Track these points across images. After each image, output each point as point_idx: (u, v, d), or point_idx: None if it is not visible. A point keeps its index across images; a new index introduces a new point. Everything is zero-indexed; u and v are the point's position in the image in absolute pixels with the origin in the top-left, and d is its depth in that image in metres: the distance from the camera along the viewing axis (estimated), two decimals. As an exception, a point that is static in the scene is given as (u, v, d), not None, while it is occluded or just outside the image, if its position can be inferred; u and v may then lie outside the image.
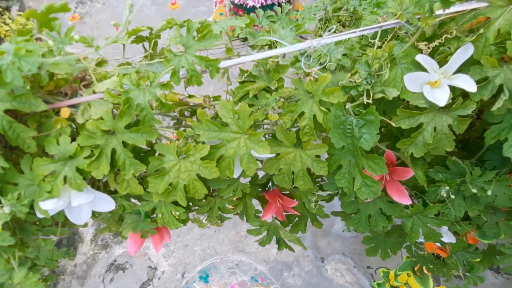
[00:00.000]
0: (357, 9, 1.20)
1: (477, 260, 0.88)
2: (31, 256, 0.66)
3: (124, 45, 0.80)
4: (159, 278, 2.62)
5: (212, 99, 0.68)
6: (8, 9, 3.68)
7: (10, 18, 3.33)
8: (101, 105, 0.56)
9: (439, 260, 0.93)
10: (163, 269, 2.67)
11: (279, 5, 3.64)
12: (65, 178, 0.55)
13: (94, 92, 0.57)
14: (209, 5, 4.24)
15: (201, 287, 2.68)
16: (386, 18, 0.53)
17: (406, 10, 0.51)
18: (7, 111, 0.50)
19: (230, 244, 2.62)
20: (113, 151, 0.55)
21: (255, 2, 3.54)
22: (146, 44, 0.81)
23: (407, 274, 1.15)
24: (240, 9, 3.74)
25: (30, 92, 0.51)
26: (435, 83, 0.54)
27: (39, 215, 0.57)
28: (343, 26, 1.29)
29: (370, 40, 0.60)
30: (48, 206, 0.54)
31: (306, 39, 1.27)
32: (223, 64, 0.57)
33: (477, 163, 0.69)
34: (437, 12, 0.51)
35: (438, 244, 0.80)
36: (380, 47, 0.58)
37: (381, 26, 0.52)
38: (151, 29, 0.91)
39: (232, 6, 3.82)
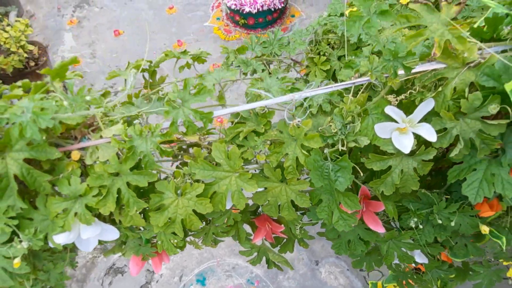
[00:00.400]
0: (344, 34, 1.27)
1: (452, 276, 0.96)
2: (42, 278, 0.74)
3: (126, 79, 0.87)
4: (157, 281, 2.70)
5: (207, 136, 0.76)
6: (6, 14, 3.72)
7: (9, 25, 3.37)
8: (108, 149, 0.63)
9: (418, 275, 1.01)
10: (160, 272, 2.75)
11: (275, 10, 3.71)
12: (75, 214, 0.63)
13: (101, 137, 0.64)
14: (206, 10, 4.29)
15: (198, 289, 2.77)
16: (357, 76, 0.61)
17: (375, 69, 0.59)
18: (25, 158, 0.58)
19: (227, 248, 2.69)
20: (119, 190, 0.62)
21: (251, 8, 3.60)
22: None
23: (394, 285, 1.23)
24: (237, 15, 3.80)
25: (46, 141, 0.58)
26: (402, 130, 0.62)
27: (51, 245, 0.65)
28: (332, 48, 1.36)
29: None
30: (60, 240, 0.62)
31: (297, 61, 1.34)
32: (215, 114, 0.64)
33: (446, 192, 0.77)
34: (402, 72, 0.58)
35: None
36: (356, 94, 0.65)
37: (354, 83, 0.60)
38: (151, 62, 0.99)
39: (228, 12, 3.88)
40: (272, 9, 3.71)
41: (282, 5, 3.71)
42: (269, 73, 1.33)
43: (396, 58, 0.56)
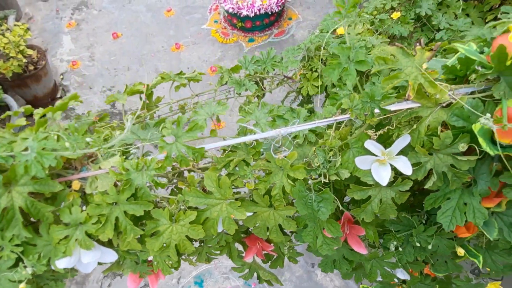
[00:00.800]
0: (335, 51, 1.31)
1: (435, 288, 1.01)
2: (46, 295, 0.79)
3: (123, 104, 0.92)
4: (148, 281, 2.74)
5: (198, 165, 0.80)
6: (5, 18, 3.74)
7: (8, 29, 3.39)
8: (106, 179, 0.68)
9: (403, 286, 1.07)
10: (159, 275, 2.77)
11: (272, 14, 3.74)
12: (76, 240, 0.68)
13: (100, 168, 0.69)
14: (203, 12, 4.32)
15: (196, 292, 2.83)
16: (339, 113, 0.65)
17: (355, 107, 0.64)
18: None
19: (224, 251, 2.72)
20: (116, 218, 0.67)
21: (248, 12, 3.63)
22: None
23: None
24: (234, 18, 3.84)
25: (48, 175, 0.63)
26: (381, 162, 0.67)
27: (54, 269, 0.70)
28: (324, 64, 1.40)
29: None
30: (63, 265, 0.67)
31: (290, 77, 1.39)
32: (207, 147, 0.69)
33: (427, 214, 0.82)
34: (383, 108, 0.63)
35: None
36: (338, 127, 0.70)
37: (336, 119, 0.65)
38: (148, 86, 1.03)
39: (226, 15, 3.92)
40: (269, 13, 3.75)
41: (279, 8, 3.75)
42: (262, 94, 1.38)
43: (373, 100, 0.60)
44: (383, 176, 0.65)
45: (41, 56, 3.60)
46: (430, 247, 0.73)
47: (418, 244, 0.73)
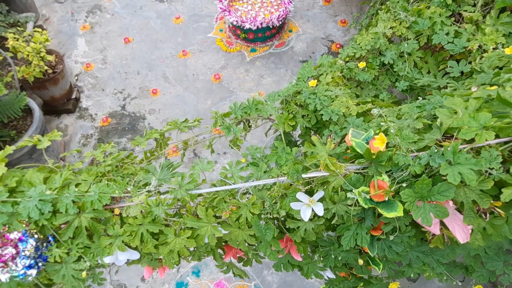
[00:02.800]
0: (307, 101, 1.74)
1: (361, 284, 1.46)
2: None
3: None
4: (157, 271, 3.25)
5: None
6: (25, 24, 4.17)
7: (30, 35, 3.82)
8: (136, 208, 1.13)
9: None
10: (162, 264, 3.27)
11: (273, 27, 4.16)
12: (116, 246, 1.13)
13: (132, 201, 1.14)
14: (210, 21, 4.73)
15: (193, 280, 3.35)
16: (282, 175, 1.10)
17: (290, 174, 1.08)
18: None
19: (219, 246, 3.20)
20: (141, 233, 1.13)
21: (251, 25, 4.05)
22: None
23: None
24: (238, 29, 4.26)
25: (103, 208, 1.08)
26: (307, 205, 1.11)
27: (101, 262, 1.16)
28: (300, 106, 1.83)
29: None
30: (107, 260, 1.13)
31: (271, 119, 1.83)
32: (195, 192, 1.14)
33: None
34: (306, 175, 1.07)
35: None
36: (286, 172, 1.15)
37: (278, 180, 1.09)
38: (163, 134, 1.47)
39: (231, 26, 4.33)
40: (271, 26, 4.16)
41: (280, 22, 4.15)
42: (249, 129, 1.81)
43: (298, 172, 1.05)
44: (306, 215, 1.09)
45: (59, 60, 4.04)
46: (340, 258, 1.18)
47: (339, 258, 1.18)
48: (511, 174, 0.98)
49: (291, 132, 1.99)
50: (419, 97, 2.08)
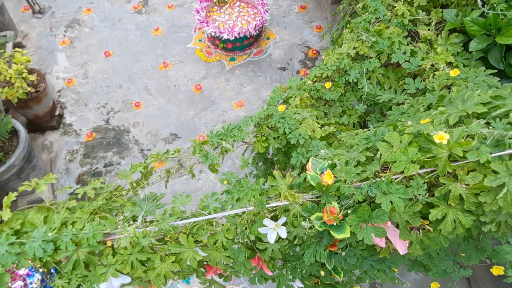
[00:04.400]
0: (277, 125, 1.97)
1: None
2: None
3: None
4: None
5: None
6: (5, 43, 4.29)
7: (11, 56, 3.96)
8: (126, 240, 1.34)
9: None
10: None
11: (250, 36, 4.36)
12: (110, 273, 1.34)
13: (122, 233, 1.35)
14: (189, 31, 4.91)
15: (184, 287, 3.57)
16: (250, 205, 1.32)
17: (256, 204, 1.30)
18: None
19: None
20: (131, 261, 1.34)
21: (229, 36, 4.25)
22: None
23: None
24: (217, 40, 4.46)
25: (97, 243, 1.29)
26: (273, 229, 1.33)
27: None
28: (272, 129, 2.06)
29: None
30: (104, 286, 1.34)
31: (246, 142, 2.06)
32: (177, 223, 1.35)
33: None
34: (269, 205, 1.30)
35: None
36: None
37: (247, 209, 1.31)
38: (146, 164, 1.68)
39: (209, 36, 4.52)
40: (248, 36, 4.36)
41: (257, 32, 4.36)
42: (225, 153, 2.02)
43: (263, 203, 1.27)
44: (272, 238, 1.32)
45: (41, 78, 4.19)
46: (304, 271, 1.41)
47: (298, 270, 1.41)
48: (436, 197, 1.22)
49: (268, 151, 2.21)
50: (382, 111, 2.32)
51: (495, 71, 1.88)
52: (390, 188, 1.17)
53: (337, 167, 1.25)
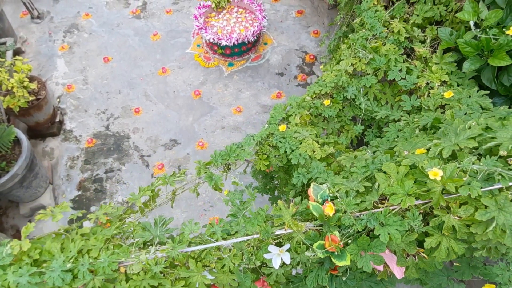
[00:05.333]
0: (278, 144, 2.04)
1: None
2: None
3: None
4: None
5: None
6: (5, 53, 4.32)
7: (11, 64, 3.99)
8: (138, 266, 1.42)
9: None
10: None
11: (248, 42, 4.42)
12: (123, 296, 1.43)
13: (135, 261, 1.43)
14: (187, 37, 4.96)
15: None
16: (254, 233, 1.40)
17: (262, 233, 1.38)
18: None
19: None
20: (144, 287, 1.42)
21: (227, 42, 4.31)
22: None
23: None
24: (215, 45, 4.51)
25: (112, 272, 1.37)
26: (277, 255, 1.42)
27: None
28: (273, 147, 2.13)
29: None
30: (118, 309, 1.43)
31: (249, 160, 2.13)
32: (184, 250, 1.43)
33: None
34: (274, 234, 1.38)
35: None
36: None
37: (253, 237, 1.39)
38: (153, 187, 1.75)
39: (208, 42, 4.57)
40: (246, 42, 4.42)
41: (255, 38, 4.41)
42: (228, 171, 2.10)
43: (268, 232, 1.35)
44: (277, 263, 1.40)
45: (41, 86, 4.23)
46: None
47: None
48: (431, 227, 1.31)
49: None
50: (379, 126, 2.40)
51: (488, 92, 1.96)
52: (387, 220, 1.26)
53: (338, 199, 1.33)
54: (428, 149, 1.40)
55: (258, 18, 4.41)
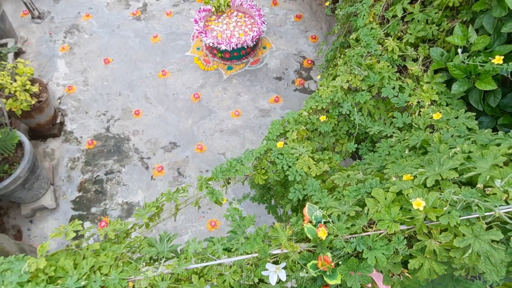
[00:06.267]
0: (275, 160, 2.17)
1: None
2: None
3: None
4: None
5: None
6: (6, 55, 4.40)
7: (14, 67, 4.08)
8: (146, 281, 1.55)
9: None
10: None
11: (248, 47, 4.52)
12: (131, 308, 1.56)
13: (142, 276, 1.56)
14: (187, 39, 5.05)
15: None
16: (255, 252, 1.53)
17: (259, 252, 1.51)
18: None
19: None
20: (151, 299, 1.55)
21: (227, 47, 4.41)
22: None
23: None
24: (214, 49, 4.61)
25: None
26: (274, 272, 1.55)
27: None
28: (271, 162, 2.26)
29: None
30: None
31: (247, 175, 2.26)
32: (190, 267, 1.56)
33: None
34: (271, 252, 1.51)
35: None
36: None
37: (252, 256, 1.53)
38: (158, 203, 1.88)
39: (207, 46, 4.67)
40: (245, 46, 4.52)
41: (254, 43, 4.51)
42: (228, 185, 2.23)
43: (266, 252, 1.48)
44: (273, 280, 1.54)
45: (43, 88, 4.32)
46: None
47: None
48: (415, 249, 1.44)
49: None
50: (372, 140, 2.53)
51: (474, 114, 2.09)
52: (375, 245, 1.39)
53: (330, 223, 1.46)
54: (415, 176, 1.53)
55: (257, 23, 4.50)
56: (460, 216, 1.35)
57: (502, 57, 1.91)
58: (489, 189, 1.41)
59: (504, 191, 1.35)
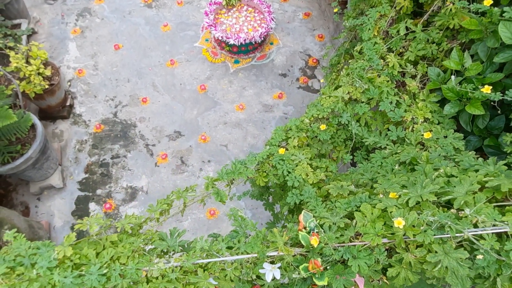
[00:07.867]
0: (277, 165, 2.39)
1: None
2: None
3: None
4: None
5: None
6: (21, 37, 4.56)
7: (28, 49, 4.26)
8: (157, 271, 1.79)
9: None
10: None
11: (255, 42, 4.69)
12: (143, 294, 1.80)
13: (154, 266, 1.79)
14: (196, 30, 5.20)
15: None
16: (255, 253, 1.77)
17: (258, 253, 1.75)
18: (128, 278, 1.73)
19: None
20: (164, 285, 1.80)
21: (235, 41, 4.58)
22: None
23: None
24: (223, 42, 4.78)
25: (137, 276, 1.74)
26: (270, 270, 1.79)
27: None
28: (272, 166, 2.48)
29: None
30: (139, 305, 1.81)
31: (250, 177, 2.48)
32: (197, 261, 1.80)
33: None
34: (269, 254, 1.75)
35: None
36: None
37: (252, 256, 1.76)
38: (168, 200, 2.11)
39: (216, 38, 4.83)
40: (253, 42, 4.69)
41: (262, 39, 4.68)
42: (231, 184, 2.45)
43: (264, 253, 1.72)
44: (269, 277, 1.78)
45: (55, 71, 4.51)
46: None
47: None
48: (393, 260, 1.68)
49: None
50: (368, 149, 2.75)
51: (462, 135, 2.31)
52: (359, 254, 1.63)
53: (322, 233, 1.69)
54: (399, 196, 1.76)
55: (266, 19, 4.66)
56: (434, 235, 1.59)
57: (491, 87, 2.12)
58: (463, 212, 1.64)
59: (474, 216, 1.58)
